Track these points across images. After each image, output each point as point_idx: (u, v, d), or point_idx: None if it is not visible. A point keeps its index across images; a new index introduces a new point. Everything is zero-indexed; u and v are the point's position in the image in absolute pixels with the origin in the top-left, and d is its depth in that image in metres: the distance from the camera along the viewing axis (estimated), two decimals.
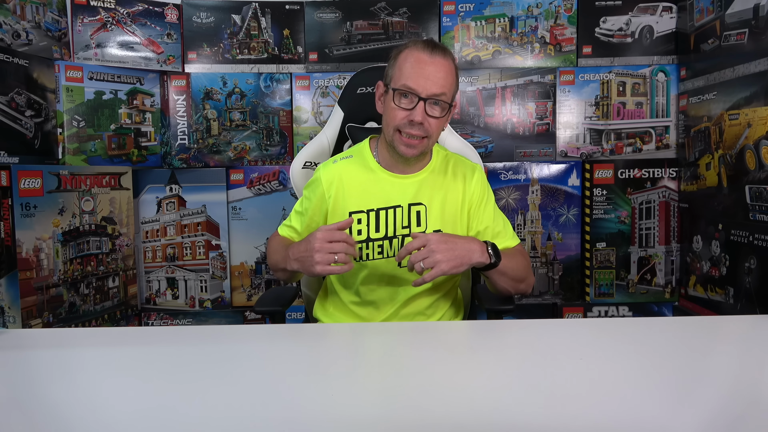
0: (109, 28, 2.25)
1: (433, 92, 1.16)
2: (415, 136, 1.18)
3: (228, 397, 0.72)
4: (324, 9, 2.37)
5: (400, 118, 1.18)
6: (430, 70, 1.16)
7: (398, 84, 1.18)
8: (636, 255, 2.32)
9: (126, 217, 2.28)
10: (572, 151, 2.34)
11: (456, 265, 1.11)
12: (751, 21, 1.77)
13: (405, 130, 1.18)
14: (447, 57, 1.19)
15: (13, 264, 1.85)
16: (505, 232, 1.31)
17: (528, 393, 0.73)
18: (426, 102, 1.16)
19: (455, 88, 1.22)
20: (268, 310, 1.37)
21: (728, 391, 0.74)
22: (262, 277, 2.42)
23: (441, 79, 1.16)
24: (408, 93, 1.17)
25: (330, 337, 1.07)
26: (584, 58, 2.34)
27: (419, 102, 1.16)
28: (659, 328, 1.09)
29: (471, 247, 1.15)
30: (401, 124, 1.18)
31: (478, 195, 1.30)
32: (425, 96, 1.16)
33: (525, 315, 2.30)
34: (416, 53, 1.18)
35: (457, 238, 1.16)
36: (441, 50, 1.19)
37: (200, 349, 0.94)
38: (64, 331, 1.42)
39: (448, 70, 1.18)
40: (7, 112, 1.89)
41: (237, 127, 2.38)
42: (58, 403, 0.72)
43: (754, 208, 1.76)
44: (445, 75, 1.17)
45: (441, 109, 1.18)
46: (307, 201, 1.32)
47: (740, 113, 1.82)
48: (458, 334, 1.07)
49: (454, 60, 1.22)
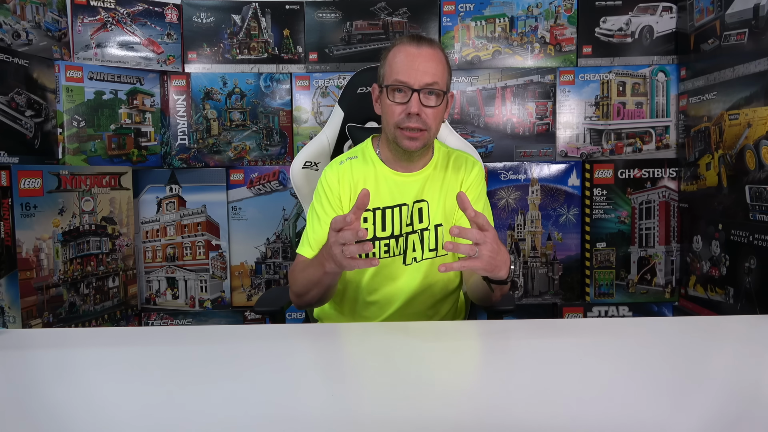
0: (109, 28, 2.25)
1: (426, 82, 1.17)
2: (415, 129, 1.18)
3: (228, 397, 0.72)
4: (324, 9, 2.36)
5: (397, 113, 1.19)
6: (420, 61, 1.17)
7: (390, 80, 1.19)
8: (636, 255, 2.32)
9: (126, 217, 2.28)
10: (572, 151, 2.34)
11: (488, 270, 1.03)
12: (751, 21, 1.77)
13: (404, 125, 1.18)
14: (435, 47, 1.20)
15: (13, 264, 1.85)
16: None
17: (528, 393, 0.73)
18: (420, 93, 1.17)
19: (448, 77, 1.23)
20: (268, 310, 1.37)
21: (728, 391, 0.74)
22: (262, 277, 2.42)
23: (431, 68, 1.17)
24: (401, 87, 1.18)
25: (330, 337, 1.07)
26: (584, 58, 2.34)
27: (413, 94, 1.17)
28: (659, 328, 1.09)
29: (506, 261, 1.07)
30: (399, 119, 1.18)
31: (472, 187, 1.31)
32: (418, 87, 1.16)
33: (525, 315, 2.30)
34: (403, 48, 1.19)
35: (502, 247, 1.07)
36: (428, 41, 1.20)
37: (200, 349, 0.94)
38: (64, 331, 1.42)
39: (438, 59, 1.19)
40: (7, 112, 1.89)
41: (237, 127, 2.38)
42: (58, 403, 0.72)
43: (754, 208, 1.76)
44: (435, 64, 1.18)
45: (436, 97, 1.19)
46: (327, 202, 1.27)
47: (740, 113, 1.81)
48: (458, 334, 1.07)
49: (442, 50, 1.23)
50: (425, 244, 1.27)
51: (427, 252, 1.27)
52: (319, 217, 1.27)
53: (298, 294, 1.21)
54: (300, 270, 1.21)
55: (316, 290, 1.16)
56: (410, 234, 1.27)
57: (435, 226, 1.27)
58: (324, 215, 1.26)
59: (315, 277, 1.13)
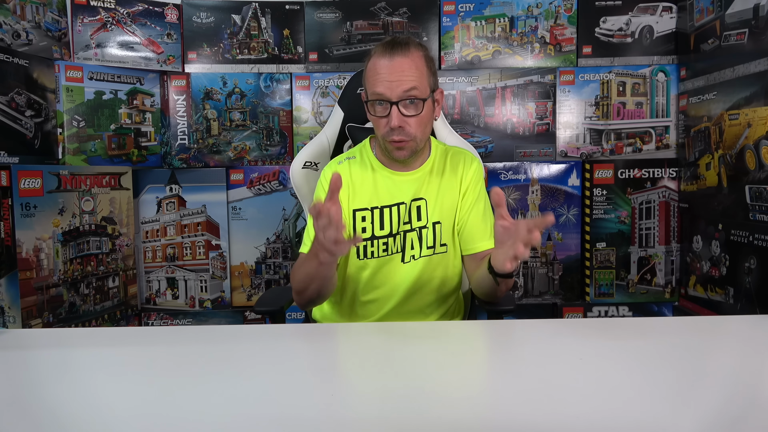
0: (109, 28, 2.25)
1: (402, 90, 1.15)
2: (399, 141, 1.19)
3: (228, 397, 0.72)
4: (324, 9, 2.36)
5: (381, 127, 1.20)
6: (394, 71, 1.15)
7: (369, 93, 1.20)
8: (636, 255, 2.32)
9: (126, 217, 2.28)
10: (572, 151, 2.34)
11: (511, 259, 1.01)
12: (751, 21, 1.77)
13: (389, 138, 1.19)
14: (408, 52, 1.17)
15: (13, 264, 1.85)
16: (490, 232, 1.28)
17: (528, 393, 0.73)
18: (399, 104, 1.16)
19: (429, 77, 1.21)
20: (268, 310, 1.37)
21: (728, 391, 0.74)
22: (262, 277, 2.42)
23: (407, 76, 1.16)
24: (380, 101, 1.17)
25: (330, 337, 1.07)
26: (584, 58, 2.33)
27: (392, 107, 1.16)
28: (659, 328, 1.09)
29: None
30: (385, 132, 1.19)
31: (472, 184, 1.31)
32: (396, 99, 1.16)
33: (525, 315, 2.30)
34: (377, 60, 1.18)
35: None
36: (401, 47, 1.17)
37: (200, 349, 0.94)
38: (64, 331, 1.42)
39: (412, 64, 1.17)
40: (7, 112, 1.89)
41: (237, 127, 2.38)
42: (58, 403, 0.72)
43: (754, 208, 1.76)
44: (410, 71, 1.16)
45: (416, 106, 1.18)
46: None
47: (740, 113, 1.81)
48: (458, 334, 1.07)
49: (420, 49, 1.20)
50: (423, 242, 1.28)
51: (425, 250, 1.28)
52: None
53: (298, 291, 1.21)
54: (298, 266, 1.22)
55: (314, 284, 1.16)
56: (408, 232, 1.28)
57: (433, 223, 1.28)
58: None
59: (312, 270, 1.13)
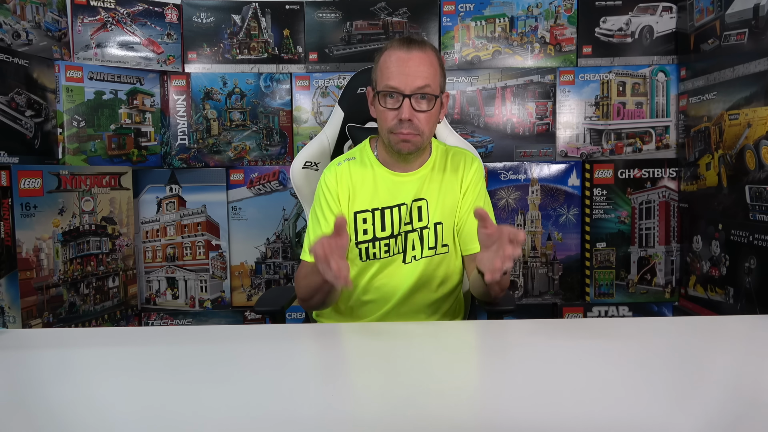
0: (109, 28, 2.25)
1: (417, 86, 1.17)
2: (408, 134, 1.19)
3: (228, 397, 0.72)
4: (324, 9, 2.36)
5: (390, 119, 1.19)
6: (410, 65, 1.17)
7: (382, 85, 1.20)
8: (636, 255, 2.32)
9: (126, 217, 2.28)
10: (572, 151, 2.34)
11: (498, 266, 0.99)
12: (751, 21, 1.77)
13: (397, 131, 1.19)
14: (425, 49, 1.19)
15: (13, 264, 1.85)
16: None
17: (528, 393, 0.73)
18: (411, 98, 1.17)
19: (441, 78, 1.22)
20: (268, 310, 1.37)
21: (728, 392, 0.74)
22: (262, 277, 2.42)
23: (422, 72, 1.17)
24: (392, 92, 1.18)
25: (330, 337, 1.07)
26: (584, 58, 2.33)
27: (404, 99, 1.17)
28: (659, 328, 1.09)
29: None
30: (392, 125, 1.19)
31: (472, 184, 1.31)
32: (409, 92, 1.17)
33: (525, 315, 2.29)
34: (394, 52, 1.19)
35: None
36: (418, 44, 1.19)
37: (200, 349, 0.94)
38: (64, 331, 1.42)
39: (429, 62, 1.19)
40: (7, 112, 1.89)
41: (237, 127, 2.38)
42: (58, 403, 0.72)
43: (754, 208, 1.76)
44: (426, 67, 1.18)
45: (428, 102, 1.19)
46: (326, 205, 1.28)
47: (740, 113, 1.81)
48: (458, 334, 1.07)
49: (435, 51, 1.22)
50: (425, 243, 1.28)
51: (426, 250, 1.28)
52: (320, 221, 1.28)
53: (303, 299, 1.24)
54: (302, 277, 1.23)
55: (318, 296, 1.18)
56: (409, 233, 1.28)
57: (434, 224, 1.28)
58: (324, 218, 1.28)
59: (316, 285, 1.14)
